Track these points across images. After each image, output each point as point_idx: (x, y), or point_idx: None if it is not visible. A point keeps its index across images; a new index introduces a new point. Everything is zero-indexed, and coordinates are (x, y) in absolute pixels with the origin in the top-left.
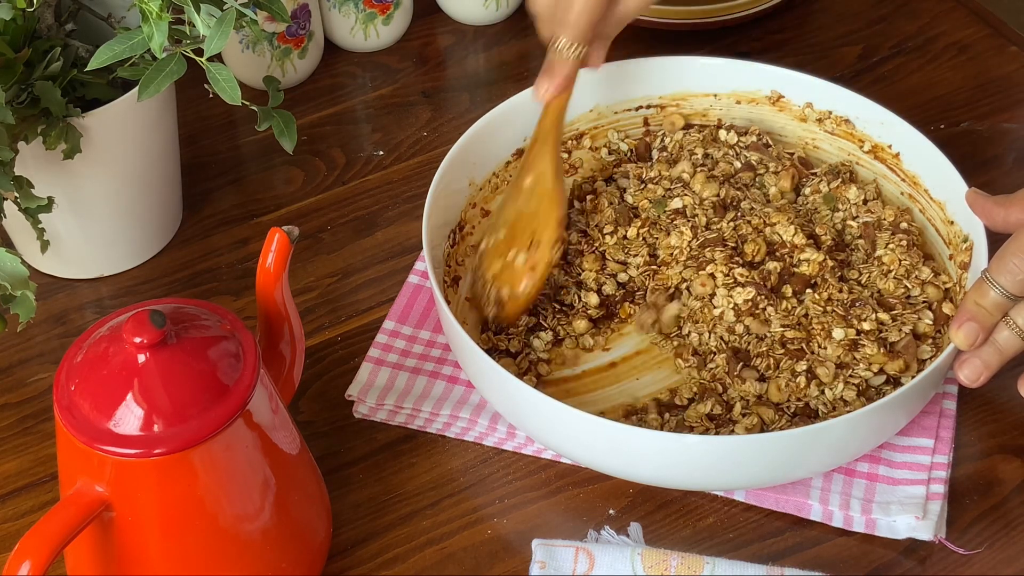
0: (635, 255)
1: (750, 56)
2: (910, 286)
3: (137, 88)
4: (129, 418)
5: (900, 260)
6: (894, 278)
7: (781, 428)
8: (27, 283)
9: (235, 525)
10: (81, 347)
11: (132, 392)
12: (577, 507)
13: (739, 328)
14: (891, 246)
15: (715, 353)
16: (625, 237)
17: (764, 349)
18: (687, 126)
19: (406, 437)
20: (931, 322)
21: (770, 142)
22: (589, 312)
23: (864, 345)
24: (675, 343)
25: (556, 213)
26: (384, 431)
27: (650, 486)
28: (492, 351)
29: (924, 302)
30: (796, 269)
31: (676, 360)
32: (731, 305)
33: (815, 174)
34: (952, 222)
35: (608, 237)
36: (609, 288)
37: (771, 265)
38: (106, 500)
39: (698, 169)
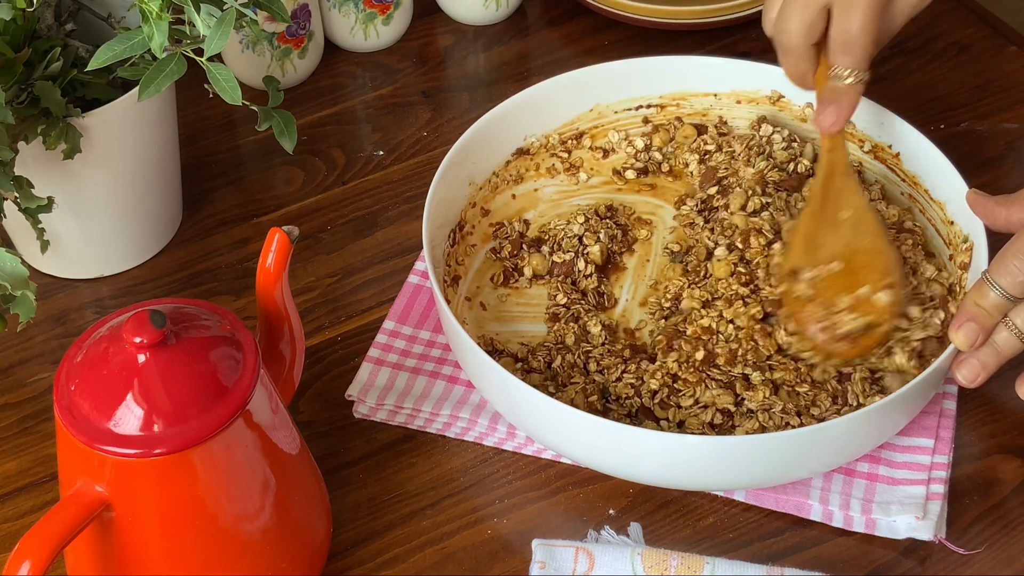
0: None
1: (750, 56)
2: (916, 283)
3: (137, 88)
4: (129, 418)
5: (905, 259)
6: None
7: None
8: (27, 283)
9: (235, 525)
10: (81, 347)
11: (132, 392)
12: (577, 507)
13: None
14: (895, 245)
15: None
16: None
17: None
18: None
19: (406, 437)
20: (940, 321)
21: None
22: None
23: (895, 353)
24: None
25: (893, 253)
26: (384, 431)
27: (650, 486)
28: (492, 351)
29: (932, 302)
30: None
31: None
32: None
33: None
34: (952, 222)
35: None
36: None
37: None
38: (106, 500)
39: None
